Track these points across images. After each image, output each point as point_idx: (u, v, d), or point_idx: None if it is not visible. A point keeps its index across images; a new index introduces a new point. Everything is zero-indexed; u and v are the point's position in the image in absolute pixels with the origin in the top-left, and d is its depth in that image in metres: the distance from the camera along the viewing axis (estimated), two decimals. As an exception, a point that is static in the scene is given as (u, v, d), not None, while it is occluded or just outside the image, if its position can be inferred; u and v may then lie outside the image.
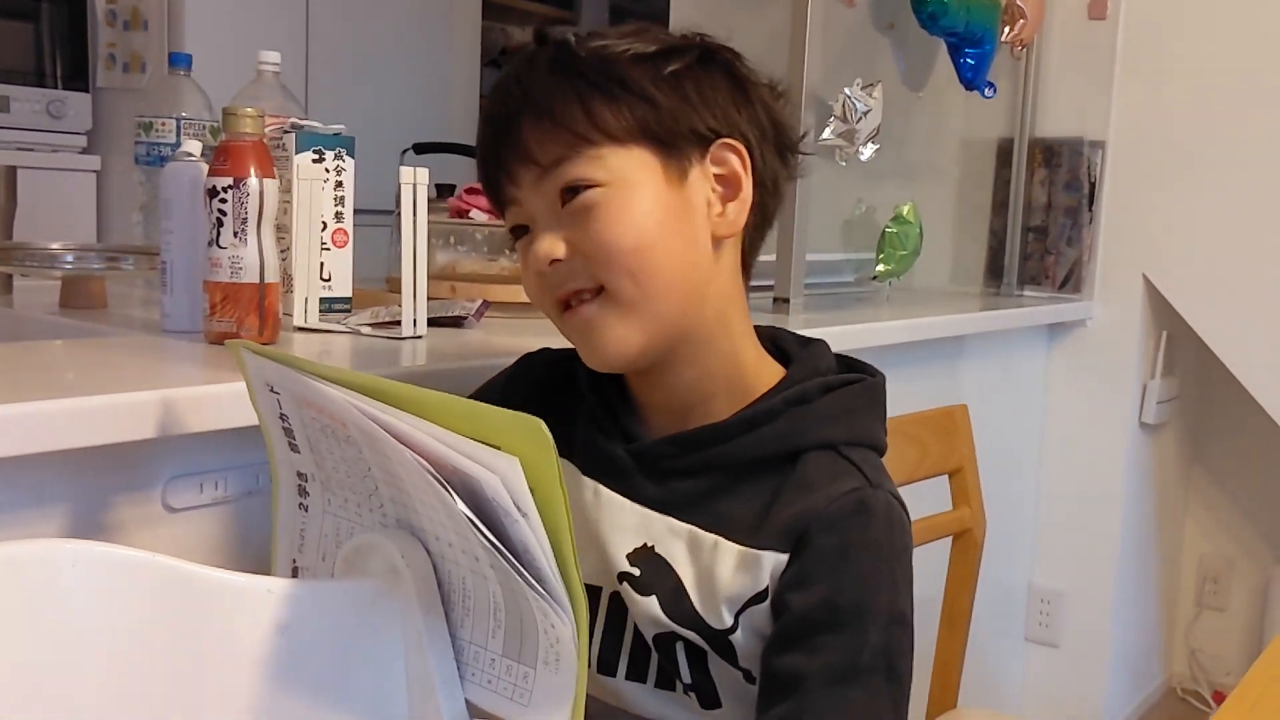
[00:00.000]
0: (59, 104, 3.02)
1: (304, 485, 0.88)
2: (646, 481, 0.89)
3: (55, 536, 0.89)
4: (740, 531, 0.86)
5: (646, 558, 0.88)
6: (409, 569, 0.78)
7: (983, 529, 1.57)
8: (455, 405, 0.72)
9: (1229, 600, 2.93)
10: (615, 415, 0.92)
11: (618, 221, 0.84)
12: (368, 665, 0.80)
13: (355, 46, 3.35)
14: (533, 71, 0.88)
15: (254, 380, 0.86)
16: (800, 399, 0.88)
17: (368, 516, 0.84)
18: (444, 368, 1.11)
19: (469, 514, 0.71)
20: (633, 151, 0.85)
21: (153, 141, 1.53)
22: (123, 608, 0.74)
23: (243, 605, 0.78)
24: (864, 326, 1.73)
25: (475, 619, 0.78)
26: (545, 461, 0.68)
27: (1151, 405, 2.58)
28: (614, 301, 0.86)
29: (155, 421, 0.87)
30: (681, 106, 0.86)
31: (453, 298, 1.41)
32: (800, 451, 0.87)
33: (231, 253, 1.09)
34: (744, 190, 0.89)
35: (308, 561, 0.90)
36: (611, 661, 0.91)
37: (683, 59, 0.88)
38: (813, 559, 0.83)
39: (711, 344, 0.90)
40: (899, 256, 2.12)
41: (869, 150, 1.96)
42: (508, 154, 0.87)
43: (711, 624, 0.86)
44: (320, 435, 0.83)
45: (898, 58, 2.35)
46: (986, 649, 2.38)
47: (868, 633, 0.82)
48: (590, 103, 0.85)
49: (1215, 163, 2.42)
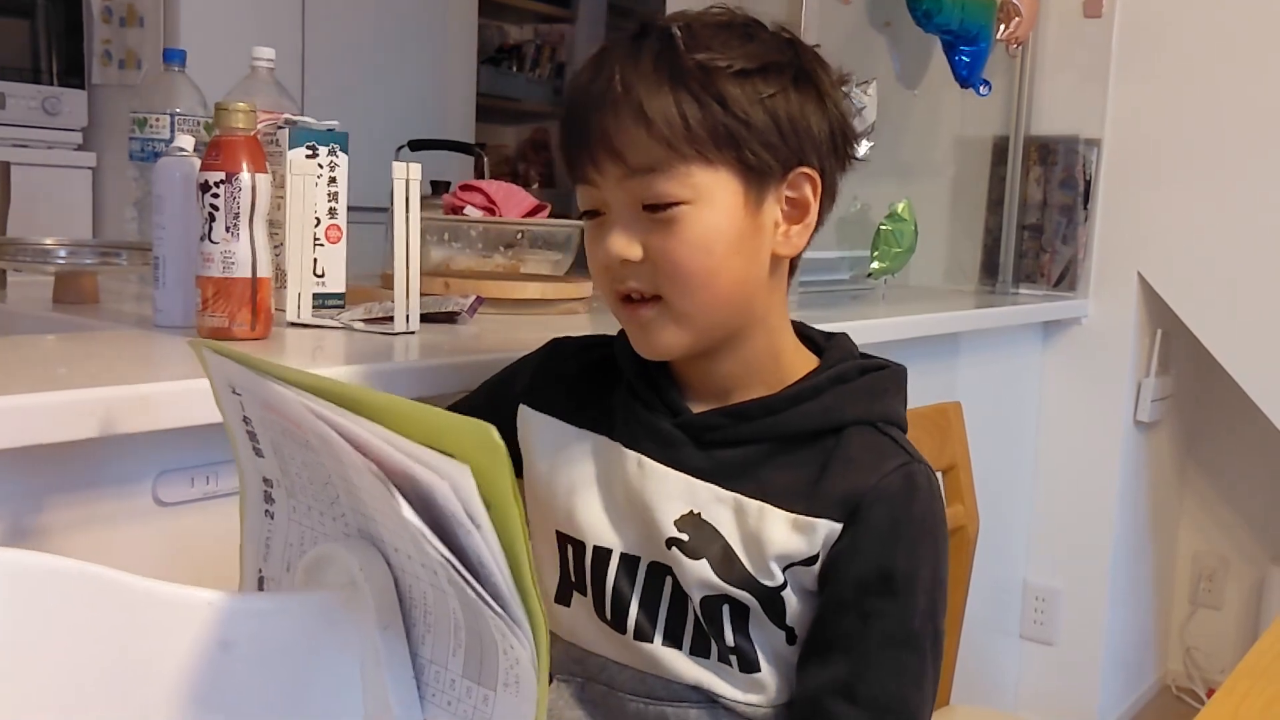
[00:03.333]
0: (54, 100, 3.02)
1: (269, 491, 0.85)
2: (693, 451, 0.92)
3: (46, 529, 0.89)
4: (789, 499, 0.90)
5: (694, 524, 0.91)
6: (368, 582, 0.74)
7: (976, 526, 1.57)
8: (404, 407, 0.69)
9: (1223, 598, 2.93)
10: (659, 390, 0.95)
11: (692, 244, 0.87)
12: (320, 686, 0.75)
13: (351, 43, 3.35)
14: (636, 68, 0.87)
15: (216, 381, 0.83)
16: (840, 378, 0.93)
17: (330, 525, 0.79)
18: (437, 363, 1.11)
19: (415, 522, 0.67)
20: (720, 174, 0.87)
21: (147, 137, 1.53)
22: (48, 620, 0.67)
23: (181, 619, 0.72)
24: (859, 324, 1.74)
25: (436, 636, 0.74)
26: (498, 471, 0.65)
27: (1146, 403, 2.58)
28: (670, 310, 0.90)
29: (146, 415, 0.87)
30: (774, 136, 0.88)
31: (446, 294, 1.41)
32: (842, 426, 0.92)
33: (224, 248, 1.09)
34: (810, 215, 0.92)
35: (273, 572, 0.86)
36: (648, 628, 0.93)
37: (780, 79, 0.89)
38: (867, 530, 0.88)
39: (753, 339, 0.94)
40: (894, 254, 2.12)
41: (864, 148, 1.96)
42: (597, 145, 0.88)
43: (764, 582, 0.90)
44: (283, 439, 0.79)
45: (893, 55, 2.35)
46: (981, 646, 2.38)
47: (917, 598, 0.88)
48: (690, 118, 0.86)
49: (1210, 161, 2.42)
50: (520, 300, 1.48)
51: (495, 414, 1.01)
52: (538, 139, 4.84)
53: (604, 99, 0.87)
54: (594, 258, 0.93)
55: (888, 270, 2.14)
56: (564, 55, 4.80)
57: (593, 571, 0.95)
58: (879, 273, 2.13)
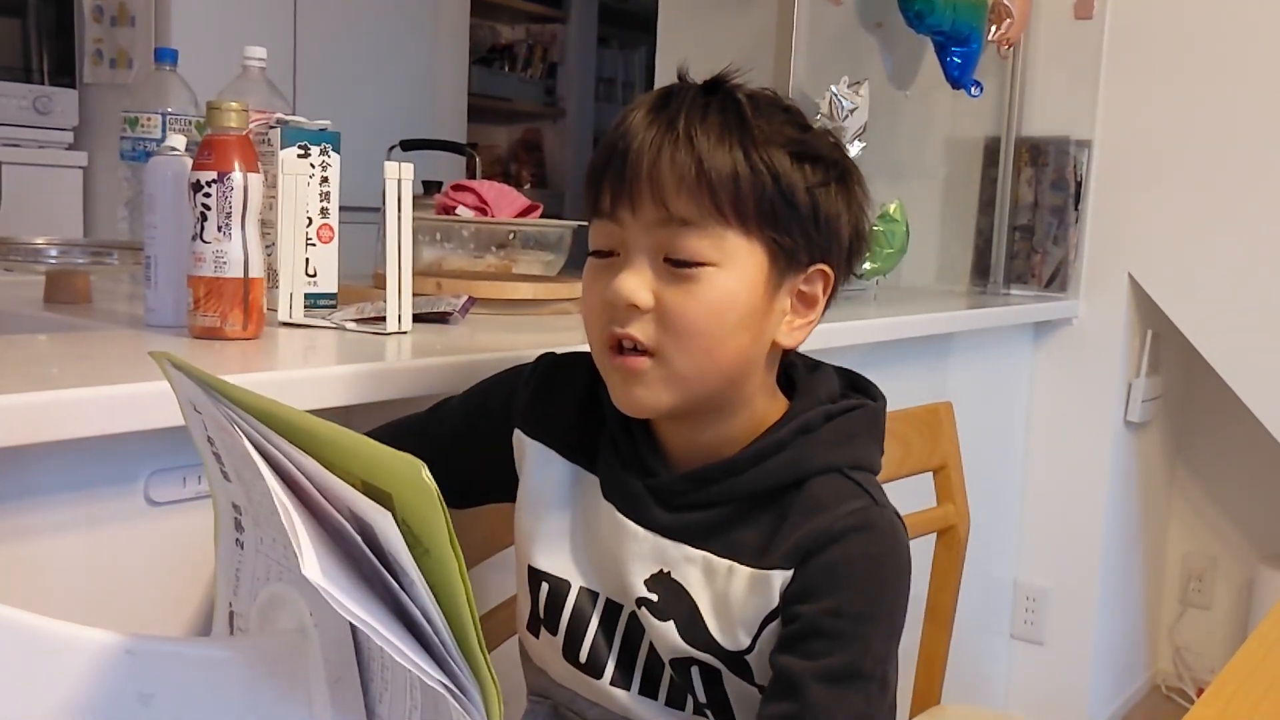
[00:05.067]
0: (45, 100, 3.01)
1: (239, 519, 0.78)
2: (661, 511, 0.91)
3: (38, 529, 0.89)
4: (753, 555, 0.88)
5: (663, 583, 0.90)
6: (318, 630, 0.67)
7: (967, 526, 1.57)
8: (347, 440, 0.64)
9: (1213, 598, 2.94)
10: (636, 447, 0.94)
11: (709, 307, 0.86)
12: None
13: (343, 43, 3.35)
14: (703, 121, 0.86)
15: (180, 397, 0.78)
16: (805, 428, 0.91)
17: (293, 561, 0.67)
18: (429, 363, 1.11)
19: (318, 580, 0.60)
20: (753, 246, 0.87)
21: (138, 137, 1.53)
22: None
23: (96, 667, 0.64)
24: (851, 324, 1.74)
25: (394, 693, 0.67)
26: (429, 510, 0.59)
27: (1136, 403, 2.59)
28: (665, 368, 0.87)
29: (138, 415, 0.87)
30: (810, 225, 0.89)
31: (438, 294, 1.41)
32: (806, 477, 0.90)
33: (215, 247, 1.09)
34: (815, 313, 0.93)
35: (242, 607, 0.78)
36: (623, 677, 0.93)
37: (827, 174, 0.90)
38: (817, 570, 0.86)
39: (736, 416, 0.92)
40: (886, 255, 2.12)
41: (855, 148, 1.96)
42: (640, 184, 0.86)
43: (727, 647, 0.89)
44: (241, 464, 0.72)
45: (885, 56, 2.36)
46: (971, 646, 2.39)
47: (870, 641, 0.85)
48: (743, 182, 0.85)
49: (1201, 162, 2.43)
50: (512, 300, 1.48)
51: (473, 432, 1.01)
52: (529, 139, 4.84)
53: (663, 142, 0.86)
54: (596, 296, 0.89)
55: (879, 271, 2.14)
56: (556, 55, 4.80)
57: (572, 615, 0.94)
58: (871, 273, 2.13)
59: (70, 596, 0.91)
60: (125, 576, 0.95)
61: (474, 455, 1.00)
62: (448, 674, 0.61)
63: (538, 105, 4.77)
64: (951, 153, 2.72)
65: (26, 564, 0.89)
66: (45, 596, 0.89)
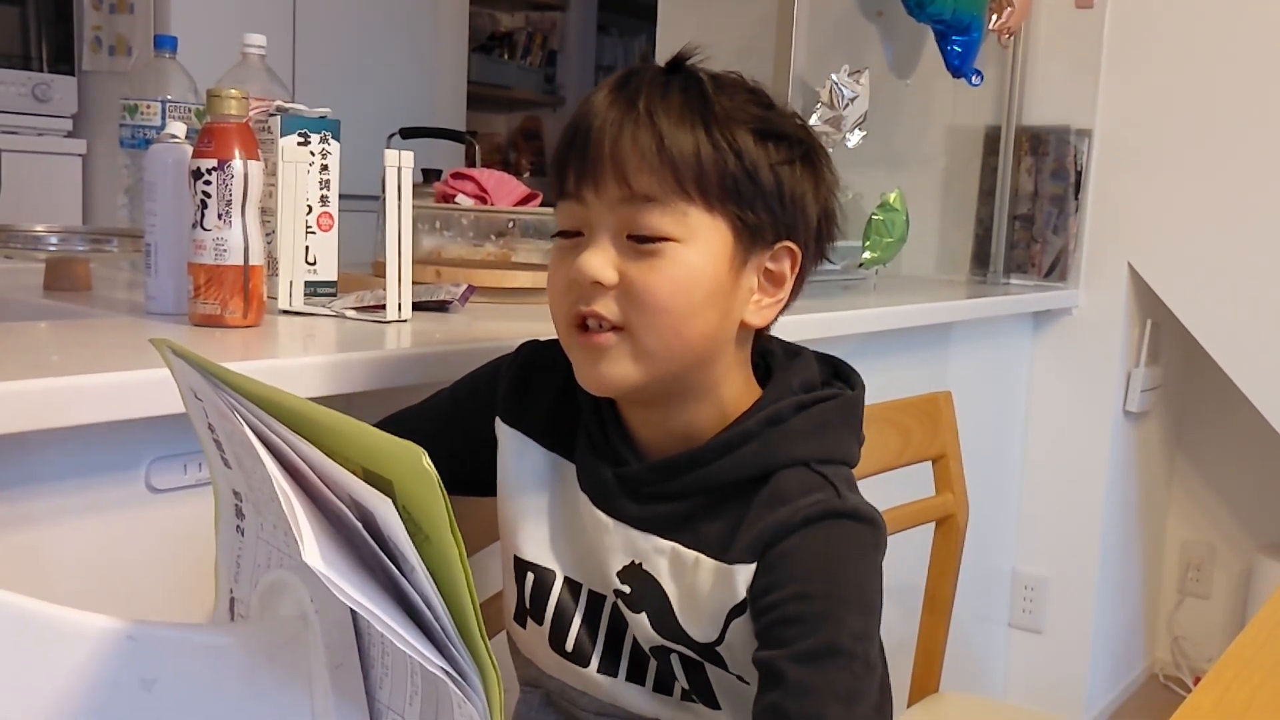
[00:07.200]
0: (44, 87, 3.01)
1: (240, 506, 0.78)
2: (630, 502, 0.91)
3: (39, 516, 0.89)
4: (718, 548, 0.88)
5: (636, 575, 0.91)
6: (320, 615, 0.66)
7: (965, 515, 1.58)
8: (347, 427, 0.64)
9: (1211, 587, 2.95)
10: (607, 434, 0.93)
11: (673, 282, 0.86)
12: None
13: (342, 31, 3.34)
14: (664, 99, 0.87)
15: (180, 384, 0.77)
16: (774, 419, 0.90)
17: (294, 547, 0.67)
18: (428, 351, 1.11)
19: (318, 566, 0.60)
20: (716, 222, 0.87)
21: (138, 124, 1.53)
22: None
23: (98, 653, 0.64)
24: (850, 314, 1.74)
25: (394, 679, 0.67)
26: (430, 498, 0.59)
27: (1135, 393, 2.59)
28: (632, 344, 0.87)
29: (139, 402, 0.87)
30: (774, 202, 0.89)
31: (438, 282, 1.41)
32: (773, 470, 0.89)
33: (216, 235, 1.09)
34: (783, 291, 0.92)
35: (243, 593, 0.78)
36: (610, 664, 0.94)
37: (791, 152, 0.90)
38: (777, 561, 0.85)
39: (705, 397, 0.92)
40: (885, 244, 2.12)
41: (856, 137, 1.96)
42: (604, 163, 0.86)
43: (697, 638, 0.89)
44: (242, 451, 0.72)
45: (885, 45, 2.36)
46: (970, 634, 2.39)
47: (842, 619, 0.83)
48: (705, 159, 0.85)
49: (1201, 152, 2.43)
50: (511, 289, 1.48)
51: (461, 422, 1.01)
52: (529, 127, 4.84)
53: (623, 120, 0.86)
54: (560, 276, 0.89)
55: (879, 260, 2.14)
56: (555, 43, 4.79)
57: (557, 605, 0.95)
58: (870, 262, 2.13)
59: (71, 583, 0.91)
60: (126, 563, 0.95)
61: (464, 445, 1.00)
62: (448, 660, 0.61)
63: (537, 93, 4.76)
64: (951, 142, 2.71)
65: (28, 551, 0.89)
66: (47, 583, 0.89)
